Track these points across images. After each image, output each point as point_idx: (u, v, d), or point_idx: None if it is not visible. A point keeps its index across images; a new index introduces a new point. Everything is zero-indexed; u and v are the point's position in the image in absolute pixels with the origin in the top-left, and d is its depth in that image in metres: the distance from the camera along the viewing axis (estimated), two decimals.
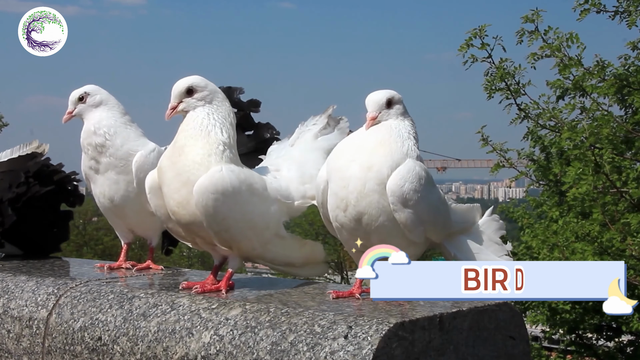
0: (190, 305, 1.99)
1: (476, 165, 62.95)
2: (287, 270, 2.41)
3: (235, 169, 2.13)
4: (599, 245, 6.44)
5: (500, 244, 2.24)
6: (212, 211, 2.08)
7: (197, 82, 2.17)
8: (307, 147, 2.38)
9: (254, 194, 2.15)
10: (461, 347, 1.86)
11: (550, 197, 8.33)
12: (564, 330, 9.57)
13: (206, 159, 2.10)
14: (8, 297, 2.33)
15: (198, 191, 2.07)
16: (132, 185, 2.55)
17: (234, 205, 2.10)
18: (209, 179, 2.07)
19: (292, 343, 1.75)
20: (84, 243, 26.35)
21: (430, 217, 2.05)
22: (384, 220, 2.01)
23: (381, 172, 1.99)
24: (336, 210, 2.06)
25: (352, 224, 2.04)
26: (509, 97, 6.97)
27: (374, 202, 2.00)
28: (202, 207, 2.08)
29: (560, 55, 6.66)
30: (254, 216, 2.15)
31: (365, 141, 2.05)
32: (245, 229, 2.15)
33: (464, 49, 6.77)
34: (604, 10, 6.81)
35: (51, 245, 3.03)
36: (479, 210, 2.29)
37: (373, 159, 2.01)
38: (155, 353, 1.94)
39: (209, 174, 2.08)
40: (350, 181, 2.01)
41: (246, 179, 2.14)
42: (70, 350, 2.11)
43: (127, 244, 2.72)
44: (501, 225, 2.28)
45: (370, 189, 1.99)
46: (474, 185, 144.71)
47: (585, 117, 6.69)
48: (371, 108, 2.07)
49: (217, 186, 2.07)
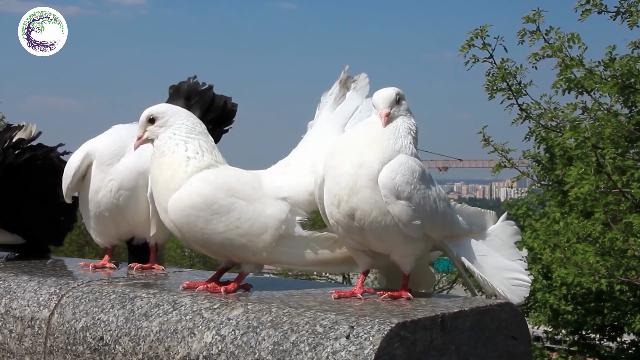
0: (192, 305, 1.99)
1: (477, 166, 62.94)
2: (320, 269, 2.36)
3: (209, 176, 2.10)
4: (600, 245, 6.44)
5: (515, 248, 2.21)
6: (187, 228, 2.08)
7: (156, 110, 2.20)
8: (321, 129, 2.31)
9: (237, 197, 2.09)
10: (463, 347, 1.86)
11: (553, 197, 8.34)
12: (566, 331, 9.58)
13: (173, 181, 2.10)
14: (10, 297, 2.33)
15: (170, 211, 2.09)
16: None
17: (211, 215, 2.06)
18: (178, 196, 2.08)
19: (294, 343, 1.75)
20: (85, 243, 26.33)
21: (426, 211, 2.02)
22: (377, 215, 1.99)
23: (372, 167, 1.98)
24: (330, 206, 2.05)
25: (345, 220, 2.02)
26: (511, 97, 6.97)
27: (366, 198, 1.98)
28: (177, 226, 2.09)
29: (561, 56, 6.66)
30: (241, 222, 2.08)
31: (358, 139, 2.04)
32: (234, 237, 2.09)
33: (465, 49, 6.77)
34: (606, 11, 6.81)
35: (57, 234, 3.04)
36: (492, 217, 2.26)
37: (364, 156, 2.00)
38: (157, 353, 1.94)
39: (179, 191, 2.08)
40: (342, 178, 2.00)
41: (224, 182, 2.10)
42: (72, 350, 2.11)
43: (113, 246, 2.73)
44: (516, 231, 2.25)
45: (362, 185, 1.98)
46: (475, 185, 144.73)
47: (587, 117, 6.69)
48: (383, 104, 2.05)
49: (185, 201, 2.06)
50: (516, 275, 2.14)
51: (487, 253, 2.17)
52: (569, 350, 9.94)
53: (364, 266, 2.15)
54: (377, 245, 2.07)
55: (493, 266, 2.15)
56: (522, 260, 2.19)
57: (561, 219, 7.46)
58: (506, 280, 2.13)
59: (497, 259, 2.17)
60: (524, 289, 2.13)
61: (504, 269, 2.15)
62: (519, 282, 2.13)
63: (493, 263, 2.16)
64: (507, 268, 2.16)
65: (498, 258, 2.18)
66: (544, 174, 9.11)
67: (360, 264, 2.16)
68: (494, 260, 2.16)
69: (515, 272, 2.15)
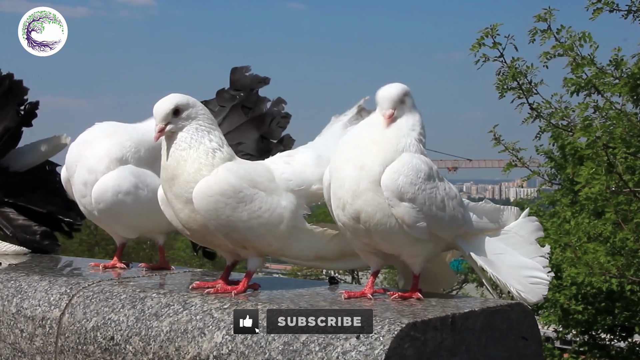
0: (202, 305, 1.99)
1: (487, 165, 62.73)
2: (321, 265, 2.36)
3: (233, 166, 2.11)
4: (611, 245, 6.41)
5: (535, 244, 2.17)
6: (214, 214, 2.07)
7: (182, 101, 2.14)
8: (331, 135, 2.32)
9: (258, 188, 2.12)
10: (473, 347, 1.85)
11: (565, 195, 8.30)
12: (576, 331, 9.54)
13: (199, 174, 2.09)
14: (21, 297, 2.34)
15: (197, 197, 2.06)
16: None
17: (237, 203, 2.08)
18: (206, 183, 2.07)
19: (304, 343, 1.75)
20: (95, 243, 26.42)
21: (432, 212, 1.99)
22: (382, 217, 1.97)
23: (373, 170, 1.97)
24: (337, 209, 2.05)
25: (351, 223, 2.02)
26: (521, 96, 6.94)
27: (369, 200, 1.97)
28: (203, 212, 2.07)
29: (572, 55, 6.62)
30: (262, 212, 2.12)
31: (359, 140, 2.03)
32: (255, 227, 2.11)
33: (475, 48, 6.74)
34: (617, 9, 6.77)
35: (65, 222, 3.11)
36: (514, 213, 2.22)
37: (365, 159, 1.98)
38: (167, 353, 1.95)
39: (206, 178, 2.07)
40: (345, 181, 2.00)
41: (246, 174, 2.12)
42: (82, 350, 2.12)
43: (122, 244, 2.73)
44: (538, 227, 2.21)
45: (364, 188, 1.97)
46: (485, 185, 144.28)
47: (599, 116, 6.65)
48: (387, 105, 2.03)
49: (214, 188, 2.06)
50: (534, 273, 2.10)
51: (503, 251, 2.14)
52: (579, 350, 9.90)
53: (374, 267, 2.14)
54: (384, 246, 2.06)
55: (510, 264, 2.11)
56: (544, 257, 2.14)
57: (572, 218, 7.43)
58: (524, 278, 2.09)
59: (514, 256, 2.13)
60: (542, 287, 2.09)
61: (521, 267, 2.11)
62: (537, 280, 2.09)
63: (510, 261, 2.12)
64: (525, 266, 2.12)
65: (516, 256, 2.14)
66: (555, 173, 9.08)
67: (370, 265, 2.15)
68: (511, 258, 2.13)
69: (533, 269, 2.11)
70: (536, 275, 2.10)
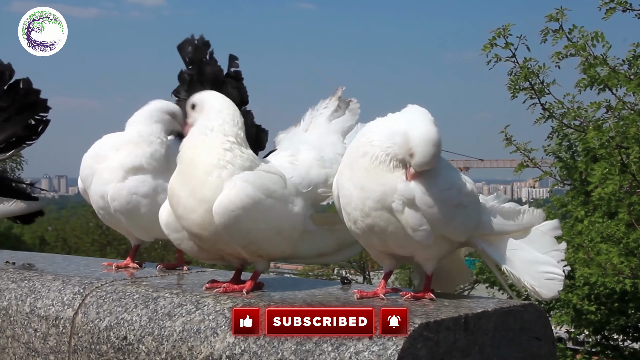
0: (215, 305, 2.00)
1: (499, 166, 62.50)
2: (321, 261, 2.38)
3: (250, 177, 2.09)
4: (624, 246, 6.37)
5: (552, 239, 2.14)
6: (235, 228, 2.06)
7: (196, 96, 2.20)
8: (322, 131, 2.33)
9: (274, 197, 2.12)
10: (486, 347, 1.85)
11: (576, 197, 8.26)
12: (589, 331, 9.49)
13: (216, 170, 2.08)
14: (35, 297, 2.35)
15: (218, 212, 2.05)
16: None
17: (257, 215, 2.08)
18: (227, 197, 2.05)
19: (317, 343, 1.75)
20: (107, 243, 26.54)
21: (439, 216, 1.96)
22: (394, 229, 1.98)
23: (373, 191, 1.96)
24: (348, 222, 2.06)
25: (365, 234, 2.04)
26: (533, 96, 6.91)
27: (378, 217, 1.98)
28: (224, 226, 2.06)
29: (585, 55, 6.59)
30: (279, 221, 2.13)
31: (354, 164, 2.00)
32: (272, 236, 2.13)
33: (487, 48, 6.72)
34: (630, 9, 6.73)
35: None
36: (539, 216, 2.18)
37: (363, 182, 1.97)
38: (180, 352, 1.95)
39: (225, 192, 2.06)
40: (351, 199, 2.01)
41: (262, 184, 2.11)
42: (96, 349, 2.12)
43: (137, 245, 2.74)
44: (556, 225, 2.18)
45: (371, 207, 1.97)
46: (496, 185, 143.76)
47: (611, 115, 6.62)
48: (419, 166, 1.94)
49: (236, 202, 2.05)
50: (549, 269, 2.09)
51: (518, 247, 2.12)
52: (591, 351, 9.85)
53: (387, 268, 2.14)
54: (399, 250, 2.07)
55: (524, 260, 2.10)
56: (560, 251, 2.12)
57: (585, 219, 7.39)
58: (538, 274, 2.08)
59: (529, 252, 2.12)
60: (557, 282, 2.08)
61: (536, 262, 2.10)
62: (552, 276, 2.08)
63: (524, 257, 2.11)
64: (539, 261, 2.10)
65: (530, 251, 2.12)
66: (566, 173, 9.03)
67: (383, 266, 2.16)
68: (525, 254, 2.11)
69: (548, 265, 2.10)
70: (551, 271, 2.09)
